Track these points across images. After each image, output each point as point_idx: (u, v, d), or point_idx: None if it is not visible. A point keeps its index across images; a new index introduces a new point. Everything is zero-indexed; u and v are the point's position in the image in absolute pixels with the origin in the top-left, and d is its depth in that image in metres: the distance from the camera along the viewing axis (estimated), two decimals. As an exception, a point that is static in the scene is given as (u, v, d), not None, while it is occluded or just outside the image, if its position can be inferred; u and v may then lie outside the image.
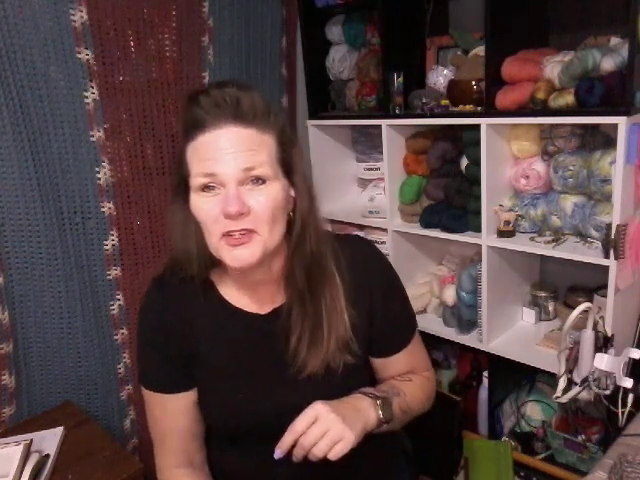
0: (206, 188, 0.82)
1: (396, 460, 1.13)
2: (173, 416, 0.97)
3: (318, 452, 0.79)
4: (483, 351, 1.59)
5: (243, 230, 0.81)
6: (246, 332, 0.95)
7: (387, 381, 1.02)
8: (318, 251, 0.91)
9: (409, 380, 1.01)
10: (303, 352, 0.90)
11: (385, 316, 0.98)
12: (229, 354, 0.95)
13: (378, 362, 1.03)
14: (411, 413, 1.00)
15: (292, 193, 0.89)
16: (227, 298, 0.96)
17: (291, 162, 0.88)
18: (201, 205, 0.83)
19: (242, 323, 0.95)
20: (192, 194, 0.84)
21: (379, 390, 0.95)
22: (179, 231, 0.90)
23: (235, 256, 0.82)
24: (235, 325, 0.95)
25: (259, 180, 0.82)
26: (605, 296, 1.31)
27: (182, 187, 0.87)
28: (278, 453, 0.81)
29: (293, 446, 0.82)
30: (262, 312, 0.95)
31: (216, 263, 0.93)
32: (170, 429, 0.97)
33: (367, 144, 1.94)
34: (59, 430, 1.34)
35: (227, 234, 0.82)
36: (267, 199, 0.82)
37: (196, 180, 0.82)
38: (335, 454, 0.79)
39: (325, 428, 0.80)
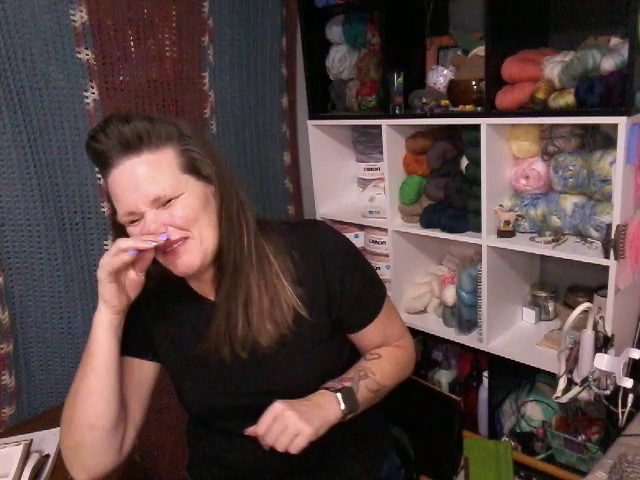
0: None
1: (387, 458, 1.15)
2: None
3: (280, 447, 0.85)
4: (483, 351, 1.59)
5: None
6: (203, 317, 0.98)
7: (357, 363, 1.04)
8: (249, 242, 0.93)
9: (378, 357, 1.04)
10: (245, 328, 0.93)
11: (346, 294, 1.00)
12: (191, 340, 0.99)
13: (352, 336, 1.06)
14: (384, 390, 1.03)
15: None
16: (193, 286, 1.01)
17: (196, 163, 0.88)
18: None
19: (201, 309, 0.99)
20: None
21: (345, 378, 0.97)
22: None
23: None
24: (198, 311, 0.99)
25: (168, 201, 0.85)
26: (605, 296, 1.31)
27: None
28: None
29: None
30: (211, 298, 0.99)
31: None
32: None
33: (367, 144, 1.94)
34: (59, 430, 1.34)
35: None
36: (183, 212, 0.86)
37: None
38: (295, 447, 0.84)
39: (283, 425, 0.85)
